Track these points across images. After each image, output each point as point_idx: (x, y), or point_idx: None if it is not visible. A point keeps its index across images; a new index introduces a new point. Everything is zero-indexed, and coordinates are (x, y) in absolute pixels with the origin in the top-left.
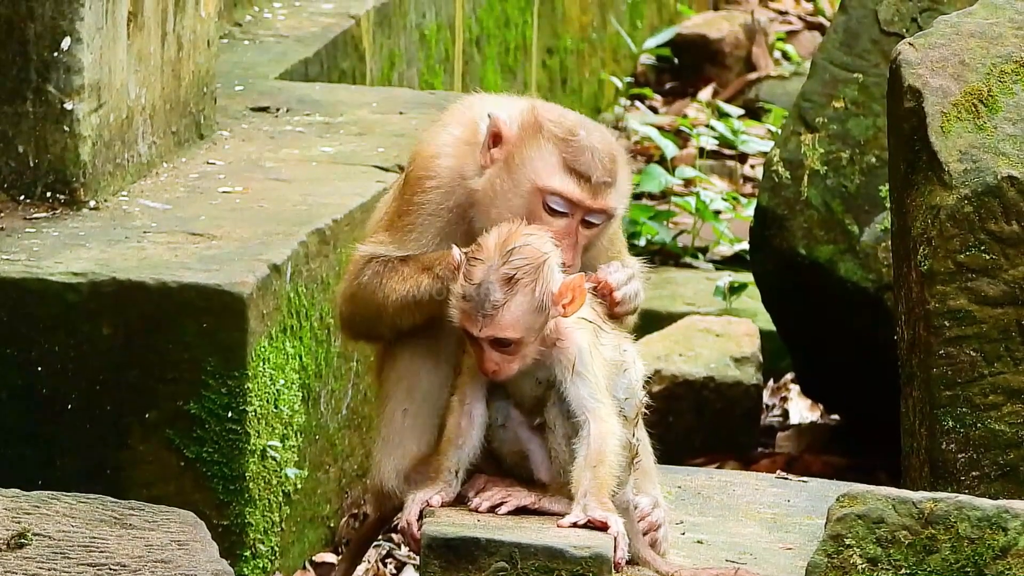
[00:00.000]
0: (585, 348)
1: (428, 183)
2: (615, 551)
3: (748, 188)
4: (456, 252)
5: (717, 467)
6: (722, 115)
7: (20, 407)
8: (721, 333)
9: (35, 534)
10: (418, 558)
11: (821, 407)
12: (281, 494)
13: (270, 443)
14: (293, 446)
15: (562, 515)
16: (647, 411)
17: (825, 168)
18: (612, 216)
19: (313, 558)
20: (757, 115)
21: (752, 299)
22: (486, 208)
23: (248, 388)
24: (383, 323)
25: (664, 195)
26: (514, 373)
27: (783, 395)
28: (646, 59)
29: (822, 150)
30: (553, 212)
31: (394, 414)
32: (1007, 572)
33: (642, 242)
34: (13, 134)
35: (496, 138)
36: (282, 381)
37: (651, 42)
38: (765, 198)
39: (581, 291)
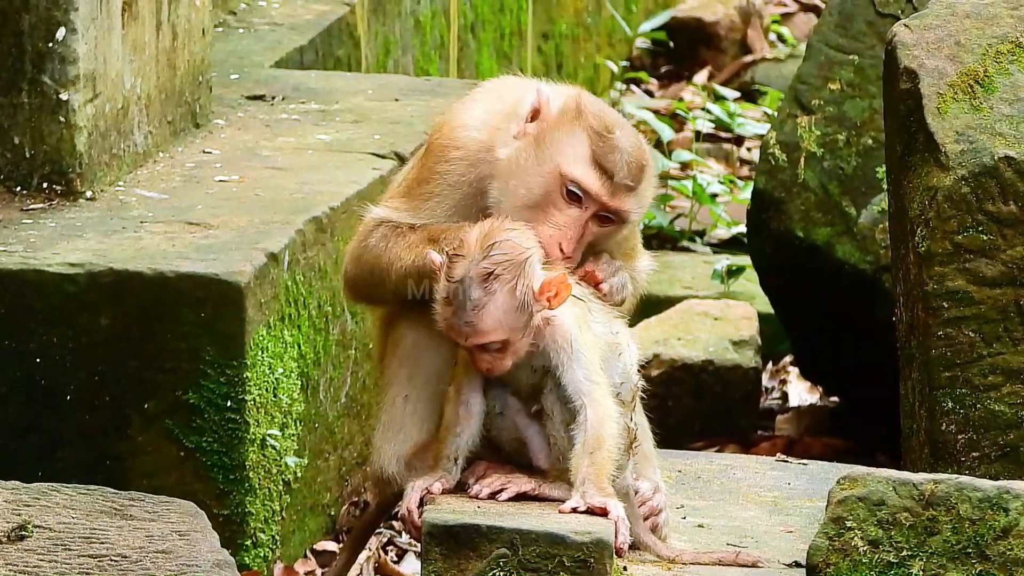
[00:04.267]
0: (577, 330)
1: (453, 153)
2: (616, 536)
3: (745, 171)
4: (435, 255)
5: (717, 451)
6: (718, 98)
7: (19, 399)
8: (719, 316)
9: (36, 526)
10: (419, 545)
11: (820, 389)
12: (281, 483)
13: (269, 432)
14: (292, 435)
15: (563, 501)
16: (644, 395)
17: (822, 150)
18: (625, 221)
19: (314, 546)
20: (753, 98)
21: (750, 282)
22: (505, 179)
23: (247, 377)
24: (385, 288)
25: (661, 179)
26: (508, 367)
27: (782, 378)
28: (641, 43)
29: (818, 132)
30: (570, 200)
31: (395, 400)
32: (1009, 552)
33: (640, 226)
34: (9, 125)
35: (536, 113)
36: (281, 370)
37: (646, 26)
38: (762, 181)
39: (564, 286)
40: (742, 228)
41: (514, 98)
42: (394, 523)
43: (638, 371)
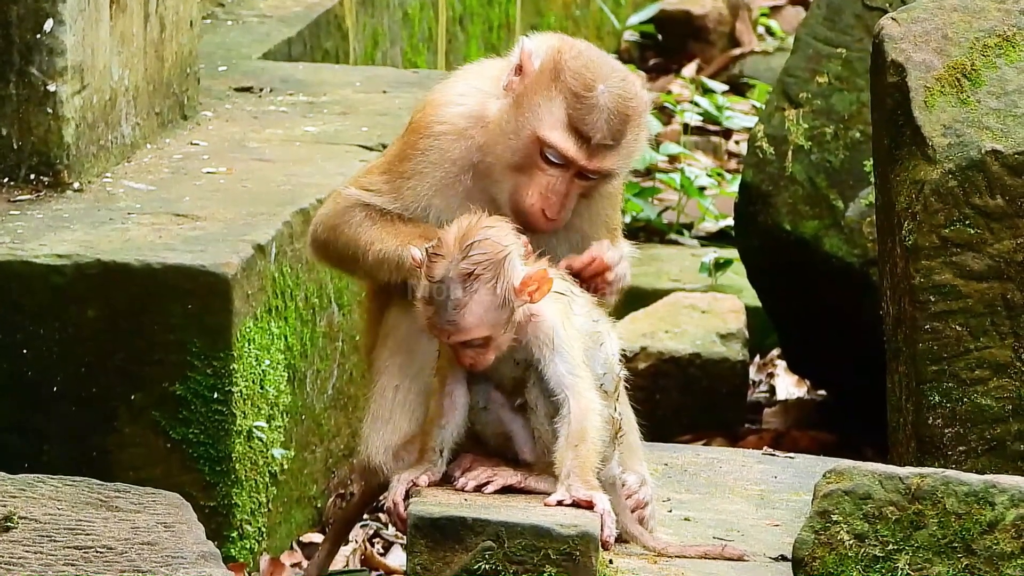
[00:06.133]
0: (559, 323)
1: (436, 128)
2: (602, 529)
3: (733, 164)
4: (415, 251)
5: (704, 444)
6: (706, 91)
7: (6, 392)
8: (707, 310)
9: (21, 517)
10: (405, 538)
11: (807, 383)
12: (267, 475)
13: (256, 424)
14: (279, 427)
15: (549, 494)
16: (631, 388)
17: (809, 143)
18: (610, 177)
19: (300, 538)
20: (741, 91)
21: (738, 275)
22: (493, 144)
23: (234, 369)
24: (357, 267)
25: (649, 172)
26: (491, 362)
27: (769, 371)
28: (630, 36)
29: (806, 125)
30: (549, 162)
31: (386, 389)
32: (994, 547)
33: (627, 219)
34: None
35: (520, 68)
36: (267, 361)
37: (634, 19)
38: (750, 174)
39: (545, 280)
40: (730, 221)
41: (499, 69)
42: (380, 515)
43: (621, 361)
